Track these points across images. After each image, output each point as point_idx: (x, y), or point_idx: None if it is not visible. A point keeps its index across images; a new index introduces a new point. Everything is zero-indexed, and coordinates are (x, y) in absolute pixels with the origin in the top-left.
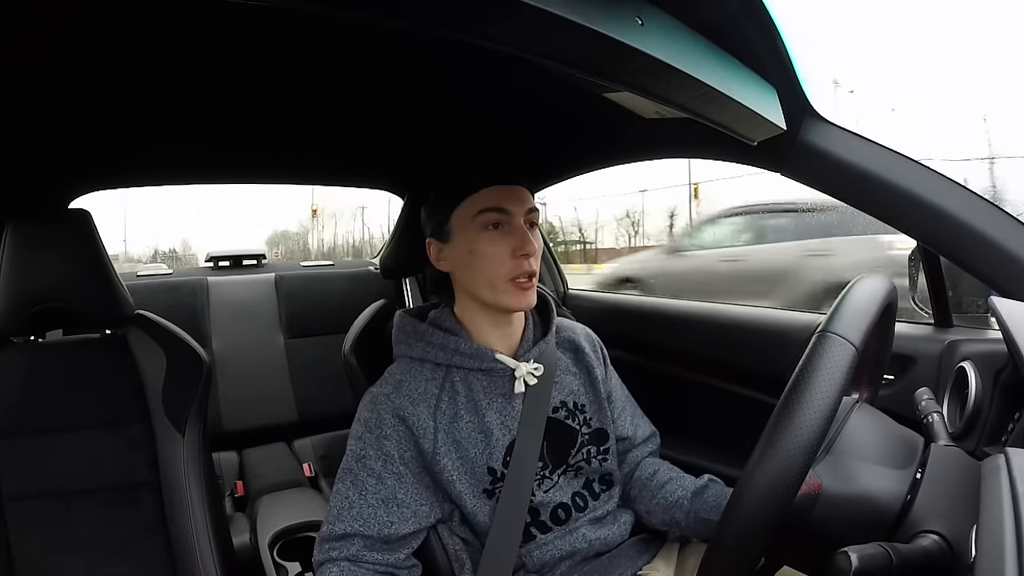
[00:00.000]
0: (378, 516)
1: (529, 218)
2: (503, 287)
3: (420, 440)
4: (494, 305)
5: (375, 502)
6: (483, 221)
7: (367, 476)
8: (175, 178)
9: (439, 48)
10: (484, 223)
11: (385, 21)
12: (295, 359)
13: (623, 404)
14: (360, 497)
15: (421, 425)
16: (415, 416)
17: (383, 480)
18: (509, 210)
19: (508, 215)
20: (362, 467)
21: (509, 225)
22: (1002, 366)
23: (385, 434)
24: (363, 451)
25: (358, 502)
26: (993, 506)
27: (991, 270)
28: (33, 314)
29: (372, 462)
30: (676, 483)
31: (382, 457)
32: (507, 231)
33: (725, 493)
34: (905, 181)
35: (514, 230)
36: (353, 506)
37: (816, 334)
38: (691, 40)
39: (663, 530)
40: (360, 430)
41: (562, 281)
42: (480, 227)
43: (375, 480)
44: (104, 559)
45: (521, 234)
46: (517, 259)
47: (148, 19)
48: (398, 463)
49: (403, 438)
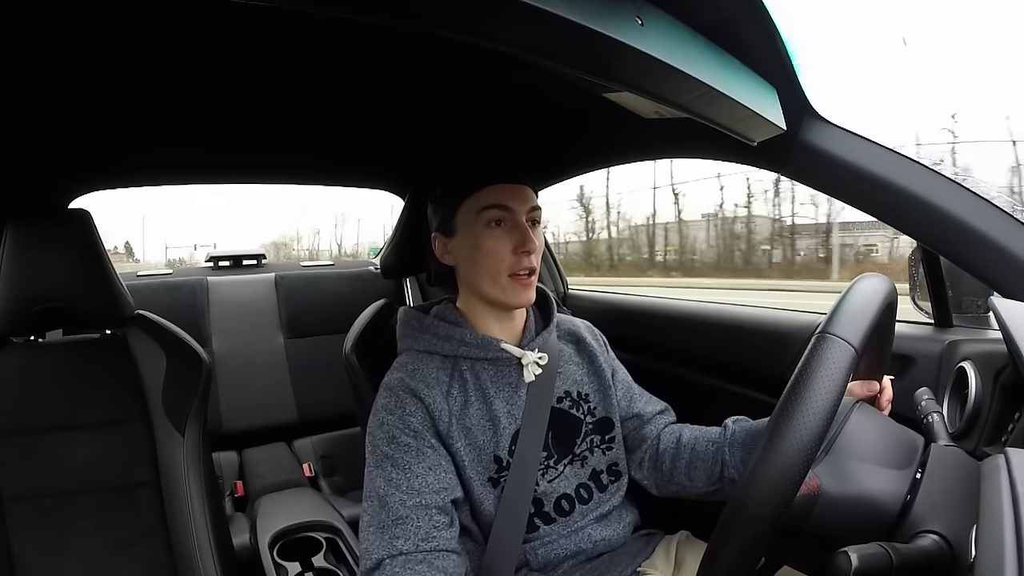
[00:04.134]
0: (428, 483)
1: (532, 216)
2: (504, 282)
3: (436, 421)
4: (494, 300)
5: (422, 470)
6: (487, 218)
7: (404, 453)
8: (175, 178)
9: (439, 48)
10: (487, 220)
11: (385, 21)
12: (295, 359)
13: (628, 383)
14: (404, 472)
15: (436, 407)
16: (431, 397)
17: (422, 450)
18: (512, 208)
19: (511, 212)
20: (396, 447)
21: (512, 222)
22: (1002, 366)
23: (409, 411)
24: (391, 433)
25: (404, 477)
26: (993, 506)
27: (991, 270)
28: (33, 314)
29: (405, 438)
30: (704, 434)
31: (412, 432)
32: (509, 228)
33: (752, 423)
34: (905, 181)
35: (516, 227)
36: (400, 484)
37: (816, 335)
38: (691, 40)
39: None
40: (382, 416)
41: (562, 281)
42: (484, 223)
43: (415, 452)
44: (103, 559)
45: (523, 231)
46: (518, 255)
47: (148, 19)
48: (428, 436)
49: (425, 416)
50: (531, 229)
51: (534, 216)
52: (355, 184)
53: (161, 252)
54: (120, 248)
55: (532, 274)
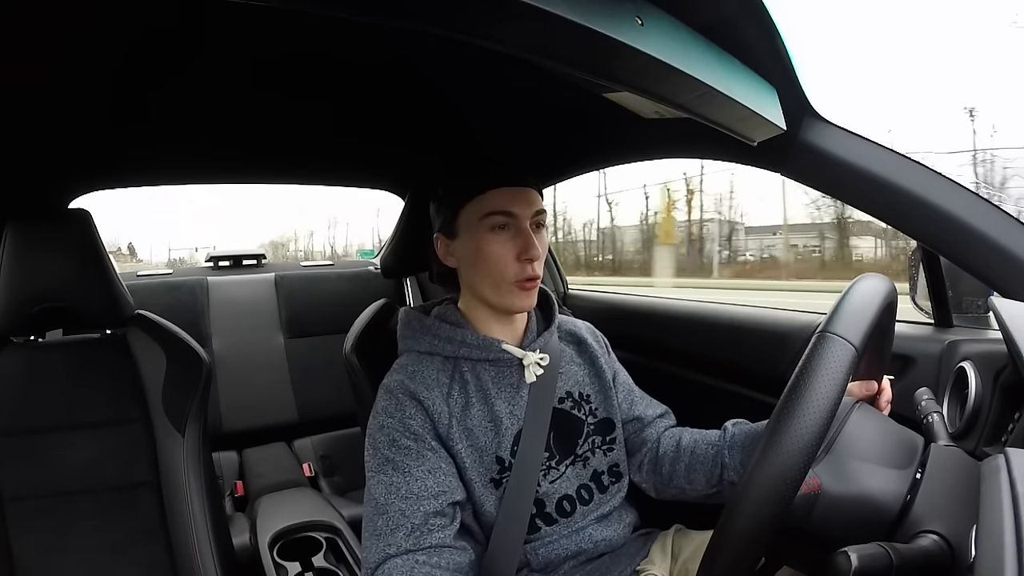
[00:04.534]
0: (428, 487)
1: (536, 220)
2: (507, 288)
3: (437, 424)
4: (496, 305)
5: (422, 474)
6: (490, 223)
7: (404, 456)
8: (175, 178)
9: (439, 48)
10: (491, 225)
11: (385, 21)
12: (295, 359)
13: (629, 386)
14: (404, 475)
15: (436, 409)
16: (430, 400)
17: (422, 453)
18: (516, 213)
19: (515, 218)
20: (396, 450)
21: (516, 227)
22: (1002, 366)
23: (409, 414)
24: (391, 436)
25: (404, 481)
26: (993, 506)
27: (991, 270)
28: (33, 314)
29: (405, 441)
30: (703, 437)
31: (412, 435)
32: (513, 234)
33: (751, 426)
34: (905, 181)
35: (520, 233)
36: (400, 487)
37: (816, 334)
38: (691, 40)
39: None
40: (382, 419)
41: (562, 281)
42: (487, 228)
43: (415, 456)
44: (103, 559)
45: (527, 237)
46: (522, 263)
47: (148, 19)
48: (429, 439)
49: (424, 419)
50: (535, 233)
51: (538, 220)
52: (355, 184)
53: (164, 253)
54: (124, 249)
55: (535, 280)
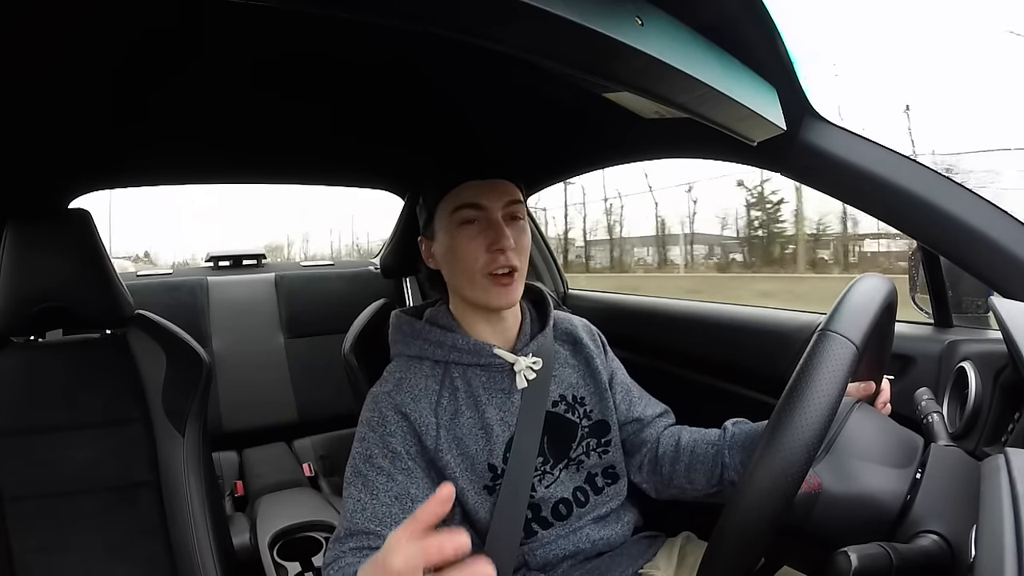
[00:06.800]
0: (393, 514)
1: (509, 211)
2: (481, 282)
3: (423, 436)
4: (476, 302)
5: (388, 500)
6: (459, 218)
7: (376, 475)
8: (174, 178)
9: (439, 48)
10: (460, 219)
11: (385, 21)
12: (295, 359)
13: (628, 386)
14: (372, 497)
15: (423, 421)
16: (417, 412)
17: (393, 477)
18: (484, 205)
19: (483, 210)
20: (370, 467)
21: (486, 220)
22: (1002, 366)
23: (390, 431)
24: (369, 451)
25: (371, 503)
26: (993, 506)
27: (991, 270)
28: (33, 314)
29: (380, 460)
30: (703, 437)
31: (389, 454)
32: (484, 226)
33: (752, 425)
34: (905, 181)
35: (491, 224)
36: (366, 508)
37: (817, 333)
38: (691, 40)
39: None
40: (364, 431)
41: (562, 281)
42: (457, 223)
43: (385, 478)
44: (103, 559)
45: (497, 228)
46: (492, 253)
47: (148, 19)
48: (406, 459)
49: (407, 434)
50: (509, 225)
51: (512, 211)
52: (355, 184)
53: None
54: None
55: (512, 273)
